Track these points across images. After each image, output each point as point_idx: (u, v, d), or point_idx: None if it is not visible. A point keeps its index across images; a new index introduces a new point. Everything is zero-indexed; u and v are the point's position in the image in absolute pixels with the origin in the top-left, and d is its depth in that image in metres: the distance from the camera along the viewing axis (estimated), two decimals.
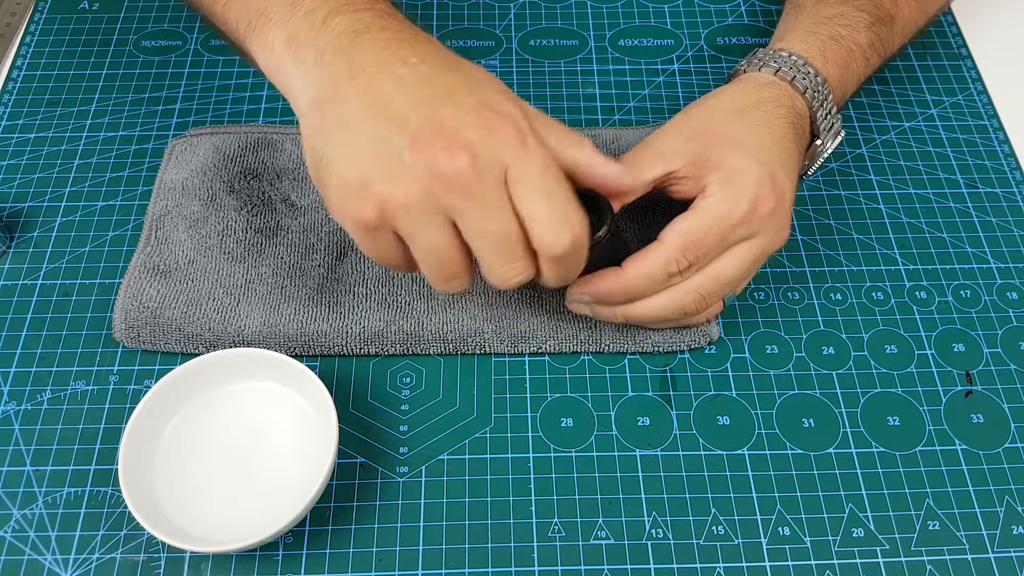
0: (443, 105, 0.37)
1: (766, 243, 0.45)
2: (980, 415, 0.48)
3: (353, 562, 0.43)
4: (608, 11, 0.67)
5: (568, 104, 0.61)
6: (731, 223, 0.43)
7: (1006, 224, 0.55)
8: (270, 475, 0.44)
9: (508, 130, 0.37)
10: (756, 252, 0.45)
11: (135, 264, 0.50)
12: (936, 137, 0.60)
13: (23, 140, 0.58)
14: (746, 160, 0.44)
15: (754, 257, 0.45)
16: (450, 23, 0.66)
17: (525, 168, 0.37)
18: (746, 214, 0.43)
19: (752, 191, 0.43)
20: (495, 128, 0.37)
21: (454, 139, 0.36)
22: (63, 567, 0.43)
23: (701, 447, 0.47)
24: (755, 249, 0.45)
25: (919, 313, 0.52)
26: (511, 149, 0.37)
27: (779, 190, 0.44)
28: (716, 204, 0.43)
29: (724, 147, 0.44)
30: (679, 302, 0.45)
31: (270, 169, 0.55)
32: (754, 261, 0.45)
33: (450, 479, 0.45)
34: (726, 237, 0.44)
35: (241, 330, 0.48)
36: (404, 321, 0.49)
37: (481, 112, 0.37)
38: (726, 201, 0.43)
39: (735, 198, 0.43)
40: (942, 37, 0.66)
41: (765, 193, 0.43)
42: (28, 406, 0.47)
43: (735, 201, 0.43)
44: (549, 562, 0.43)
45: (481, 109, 0.37)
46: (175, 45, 0.64)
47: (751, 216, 0.43)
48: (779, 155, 0.45)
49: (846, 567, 0.43)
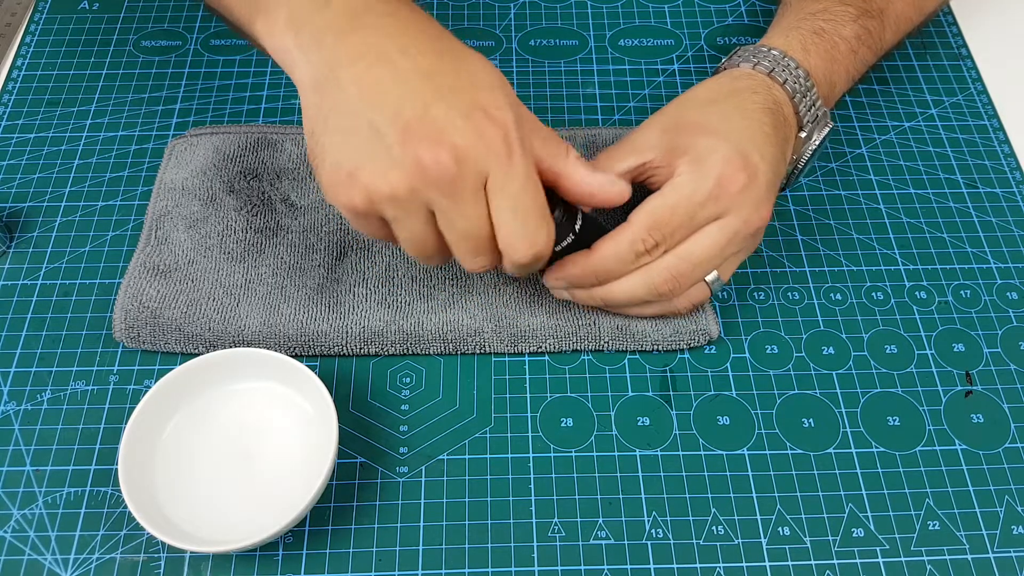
0: (436, 103, 0.38)
1: (739, 222, 0.45)
2: (980, 415, 0.48)
3: (353, 562, 0.43)
4: (608, 11, 0.67)
5: (568, 104, 0.61)
6: (696, 201, 0.43)
7: (1006, 224, 0.55)
8: (270, 475, 0.44)
9: (496, 138, 0.38)
10: (728, 232, 0.45)
11: (135, 264, 0.50)
12: (936, 137, 0.60)
13: (23, 140, 0.58)
14: (714, 141, 0.44)
15: (727, 237, 0.45)
16: (450, 23, 0.66)
17: (504, 181, 0.38)
18: (711, 191, 0.43)
19: (718, 169, 0.44)
20: (484, 134, 0.38)
21: (441, 139, 0.37)
22: (63, 567, 0.43)
23: (701, 447, 0.47)
24: (727, 228, 0.45)
25: (919, 313, 0.52)
26: (495, 158, 0.38)
27: (750, 167, 0.44)
28: (682, 184, 0.44)
29: (695, 134, 0.45)
30: (651, 282, 0.45)
31: (270, 169, 0.55)
32: (727, 241, 0.45)
33: (450, 479, 0.45)
34: (693, 215, 0.44)
35: (241, 330, 0.48)
36: (404, 321, 0.49)
37: (473, 115, 0.38)
38: (691, 180, 0.44)
39: (700, 176, 0.44)
40: (942, 37, 0.66)
41: (732, 171, 0.44)
42: (28, 406, 0.47)
43: (700, 179, 0.44)
44: (549, 562, 0.43)
45: (473, 112, 0.38)
46: (175, 45, 0.64)
47: (718, 193, 0.44)
48: (751, 136, 0.45)
49: (846, 567, 0.43)
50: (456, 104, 0.38)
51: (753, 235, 0.46)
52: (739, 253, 0.47)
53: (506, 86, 0.40)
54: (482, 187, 0.38)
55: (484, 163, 0.38)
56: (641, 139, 0.47)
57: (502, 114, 0.38)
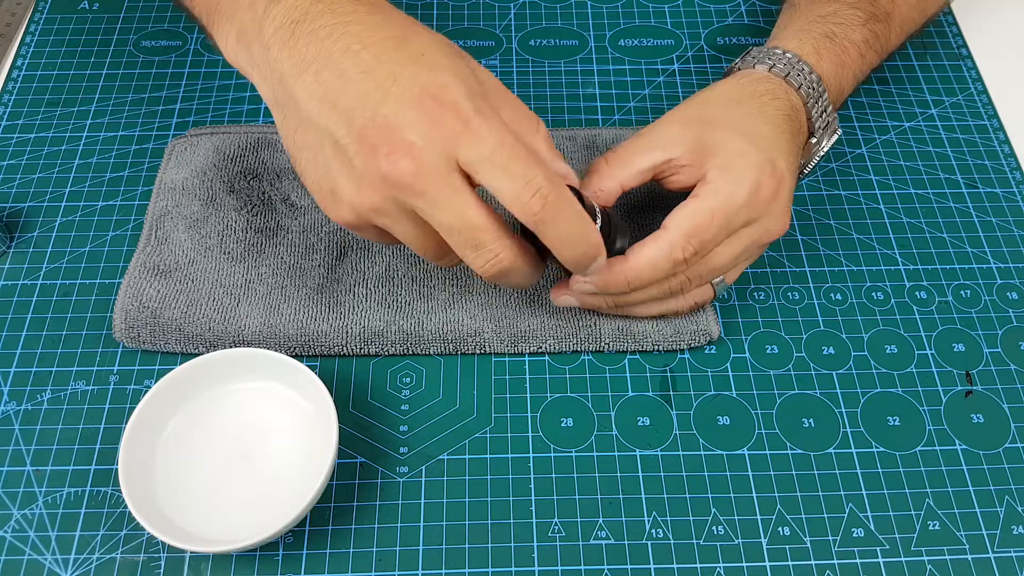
0: (384, 102, 0.37)
1: (763, 230, 0.45)
2: (980, 415, 0.48)
3: (353, 562, 0.43)
4: (608, 11, 0.67)
5: (568, 104, 0.61)
6: (735, 206, 0.43)
7: (1006, 224, 0.55)
8: (270, 475, 0.44)
9: (449, 118, 0.37)
10: (751, 238, 0.45)
11: (135, 264, 0.50)
12: (936, 137, 0.60)
13: (23, 140, 0.58)
14: (744, 145, 0.44)
15: (747, 243, 0.45)
16: (450, 23, 0.66)
17: (474, 150, 0.37)
18: (748, 197, 0.43)
19: (753, 174, 0.43)
20: (436, 119, 0.37)
21: (395, 141, 0.36)
22: (63, 567, 0.43)
23: (701, 447, 0.47)
24: (751, 235, 0.44)
25: (919, 313, 0.52)
26: (455, 137, 0.37)
27: (778, 175, 0.44)
28: (719, 188, 0.43)
29: (722, 132, 0.44)
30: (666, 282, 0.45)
31: (270, 169, 0.55)
32: (744, 248, 0.45)
33: (450, 479, 0.45)
34: (730, 221, 0.43)
35: (241, 330, 0.48)
36: (404, 321, 0.49)
37: (422, 103, 0.37)
38: (727, 184, 0.43)
39: (735, 181, 0.43)
40: (942, 37, 0.66)
41: (766, 177, 0.43)
42: (28, 406, 0.47)
43: (736, 184, 0.43)
44: (549, 562, 0.43)
45: (422, 100, 0.37)
46: (175, 45, 0.64)
47: (753, 199, 0.43)
48: (776, 142, 0.45)
49: (846, 567, 0.43)
50: (402, 96, 0.37)
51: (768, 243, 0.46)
52: (750, 259, 0.47)
53: (455, 60, 0.39)
54: (454, 172, 0.37)
55: (445, 147, 0.37)
56: (663, 135, 0.45)
57: (450, 92, 0.37)
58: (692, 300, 0.47)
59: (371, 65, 0.38)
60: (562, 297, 0.47)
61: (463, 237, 0.38)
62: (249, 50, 0.41)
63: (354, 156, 0.37)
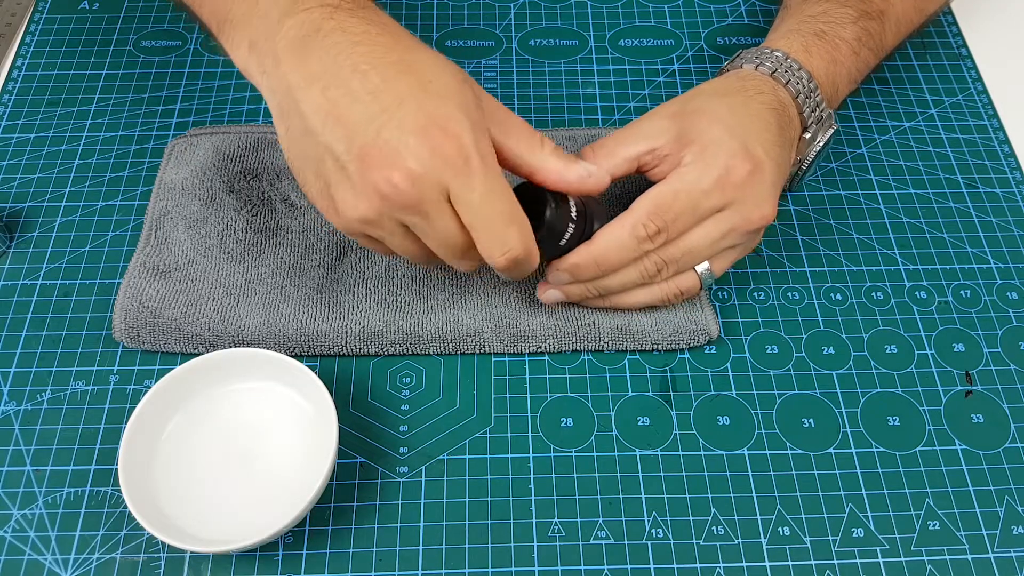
0: (387, 126, 0.38)
1: (740, 217, 0.45)
2: (980, 415, 0.48)
3: (353, 562, 0.43)
4: (608, 11, 0.67)
5: (568, 104, 0.61)
6: (700, 188, 0.44)
7: (1006, 224, 0.55)
8: (270, 475, 0.44)
9: (450, 151, 0.38)
10: (725, 224, 0.45)
11: (135, 264, 0.50)
12: (936, 137, 0.60)
13: (23, 140, 0.58)
14: (720, 132, 0.45)
15: (722, 230, 0.45)
16: (450, 23, 0.66)
17: (464, 192, 0.39)
18: (716, 181, 0.44)
19: (723, 160, 0.44)
20: (437, 149, 0.38)
21: (395, 164, 0.38)
22: (63, 567, 0.43)
23: (701, 447, 0.47)
24: (724, 221, 0.45)
25: (919, 313, 0.52)
26: (451, 171, 0.38)
27: (754, 161, 0.44)
28: (686, 172, 0.44)
29: (703, 121, 0.45)
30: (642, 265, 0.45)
31: (270, 169, 0.55)
32: (722, 234, 0.45)
33: (450, 479, 0.45)
34: (696, 204, 0.44)
35: (241, 330, 0.48)
36: (404, 321, 0.49)
37: (426, 132, 0.38)
38: (696, 169, 0.44)
39: (705, 165, 0.44)
40: (942, 37, 0.66)
41: (737, 163, 0.44)
42: (28, 406, 0.47)
43: (705, 168, 0.44)
44: (549, 562, 0.43)
45: (427, 129, 0.38)
46: (175, 45, 0.64)
47: (723, 183, 0.44)
48: (757, 132, 0.46)
49: (846, 567, 0.43)
50: (406, 122, 0.38)
51: (753, 232, 0.46)
52: (735, 248, 0.47)
53: (462, 88, 0.40)
54: (444, 199, 0.39)
55: (441, 177, 0.38)
56: (649, 125, 0.47)
57: (455, 124, 0.38)
58: (675, 287, 0.47)
59: (378, 87, 0.39)
60: (547, 292, 0.48)
61: (449, 251, 0.41)
62: (260, 60, 0.42)
63: (353, 172, 0.39)
